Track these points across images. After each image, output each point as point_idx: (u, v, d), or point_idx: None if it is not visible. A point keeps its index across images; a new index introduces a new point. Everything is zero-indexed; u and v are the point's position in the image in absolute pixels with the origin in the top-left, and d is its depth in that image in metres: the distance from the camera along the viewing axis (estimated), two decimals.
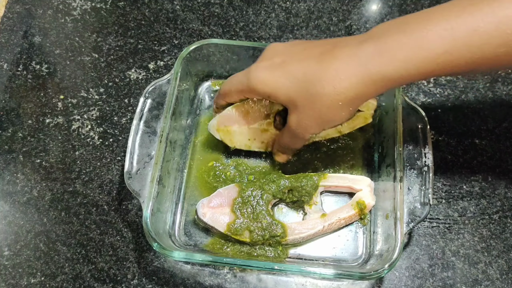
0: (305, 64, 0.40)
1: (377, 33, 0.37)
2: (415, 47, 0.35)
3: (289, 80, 0.40)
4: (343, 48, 0.38)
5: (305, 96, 0.40)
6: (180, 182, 0.51)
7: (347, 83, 0.37)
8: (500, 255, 0.49)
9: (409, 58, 0.35)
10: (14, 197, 0.51)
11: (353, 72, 0.37)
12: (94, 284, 0.47)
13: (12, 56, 0.60)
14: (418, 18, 0.36)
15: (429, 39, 0.35)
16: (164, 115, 0.48)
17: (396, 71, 0.36)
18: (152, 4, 0.63)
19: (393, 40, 0.36)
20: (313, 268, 0.42)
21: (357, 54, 0.37)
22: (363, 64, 0.37)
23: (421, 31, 0.35)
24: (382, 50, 0.36)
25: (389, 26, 0.37)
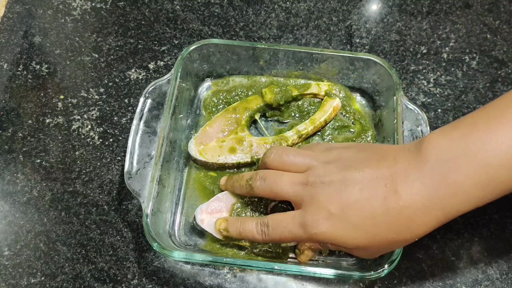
0: (371, 213, 0.36)
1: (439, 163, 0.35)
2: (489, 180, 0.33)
3: (357, 233, 0.37)
4: (409, 188, 0.35)
5: (376, 243, 0.38)
6: (180, 182, 0.51)
7: (425, 227, 0.36)
8: (500, 255, 0.49)
9: (486, 193, 0.34)
10: (14, 197, 0.51)
11: (430, 216, 0.35)
12: (94, 284, 0.47)
13: (12, 56, 0.60)
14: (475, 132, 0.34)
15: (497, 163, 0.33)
16: (164, 115, 0.48)
17: (473, 205, 0.35)
18: (152, 4, 0.63)
19: (462, 176, 0.34)
20: (313, 268, 0.42)
21: (429, 197, 0.34)
22: (439, 208, 0.34)
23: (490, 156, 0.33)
24: (455, 190, 0.34)
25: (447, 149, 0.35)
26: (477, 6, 0.63)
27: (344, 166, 0.39)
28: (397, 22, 0.62)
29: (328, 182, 0.38)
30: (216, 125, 0.52)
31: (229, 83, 0.57)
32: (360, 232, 0.37)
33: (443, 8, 0.63)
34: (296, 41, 0.61)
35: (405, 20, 0.63)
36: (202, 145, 0.51)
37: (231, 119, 0.52)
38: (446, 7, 0.63)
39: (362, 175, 0.37)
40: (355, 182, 0.37)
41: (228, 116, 0.52)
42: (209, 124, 0.52)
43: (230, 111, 0.53)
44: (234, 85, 0.56)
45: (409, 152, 0.37)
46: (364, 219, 0.36)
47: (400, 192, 0.35)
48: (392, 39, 0.61)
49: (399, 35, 0.61)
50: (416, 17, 0.63)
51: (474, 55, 0.60)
